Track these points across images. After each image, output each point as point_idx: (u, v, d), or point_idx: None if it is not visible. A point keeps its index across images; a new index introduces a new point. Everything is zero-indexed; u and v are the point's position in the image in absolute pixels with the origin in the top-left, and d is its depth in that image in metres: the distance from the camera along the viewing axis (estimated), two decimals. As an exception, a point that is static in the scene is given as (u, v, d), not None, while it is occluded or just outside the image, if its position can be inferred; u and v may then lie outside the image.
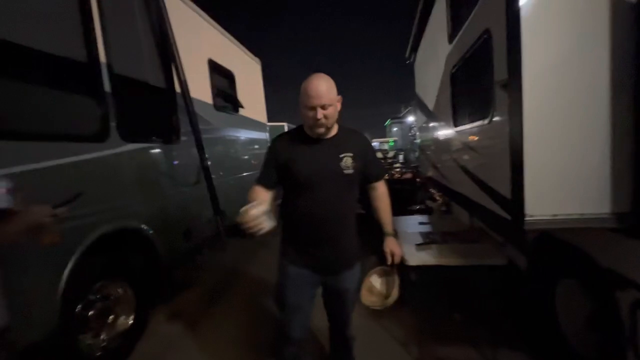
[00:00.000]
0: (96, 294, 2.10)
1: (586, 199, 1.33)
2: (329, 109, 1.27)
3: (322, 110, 1.26)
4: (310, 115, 1.27)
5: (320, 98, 1.24)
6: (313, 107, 1.25)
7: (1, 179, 1.03)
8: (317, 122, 1.28)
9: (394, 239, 1.53)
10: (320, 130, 1.31)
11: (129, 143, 2.28)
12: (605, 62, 1.25)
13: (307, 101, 1.26)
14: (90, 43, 2.03)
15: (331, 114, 1.29)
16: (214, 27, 3.80)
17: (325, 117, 1.27)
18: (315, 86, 1.25)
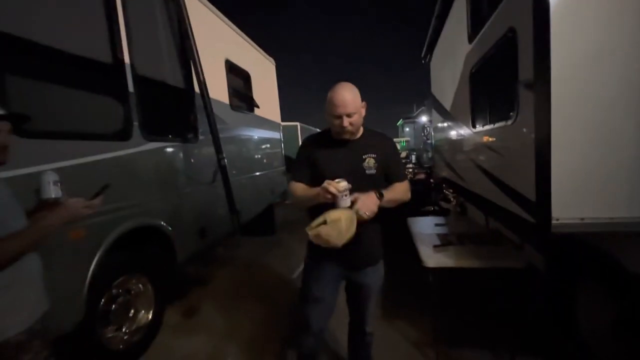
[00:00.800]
0: (118, 288, 2.16)
1: (615, 202, 1.30)
2: (354, 116, 1.35)
3: (348, 118, 1.33)
4: (336, 123, 1.35)
5: (346, 107, 1.32)
6: (339, 115, 1.33)
7: (51, 173, 1.12)
8: (343, 130, 1.36)
9: (374, 195, 1.34)
10: (346, 136, 1.40)
11: (150, 142, 2.33)
12: (636, 62, 1.22)
13: (334, 110, 1.33)
14: (115, 45, 2.09)
15: (356, 121, 1.36)
16: (231, 27, 3.85)
17: (350, 124, 1.35)
18: (341, 96, 1.32)
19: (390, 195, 1.38)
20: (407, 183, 1.52)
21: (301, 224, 4.93)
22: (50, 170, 1.18)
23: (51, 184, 1.13)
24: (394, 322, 2.42)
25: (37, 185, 1.14)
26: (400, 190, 1.45)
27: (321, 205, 1.34)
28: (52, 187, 1.13)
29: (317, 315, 1.56)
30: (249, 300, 3.01)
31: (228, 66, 3.65)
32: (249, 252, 4.42)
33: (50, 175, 1.14)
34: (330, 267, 1.51)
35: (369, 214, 1.28)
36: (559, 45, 1.24)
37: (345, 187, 1.26)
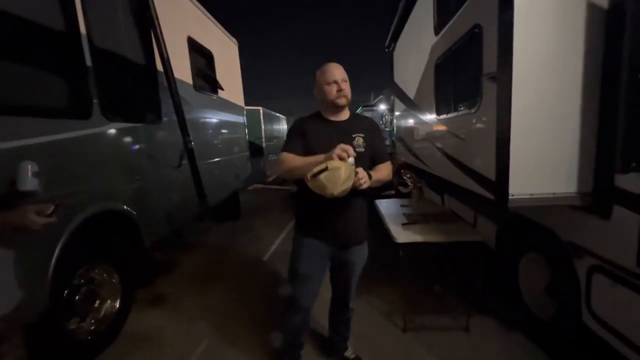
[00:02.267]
0: (82, 278, 2.03)
1: (557, 180, 1.53)
2: (346, 84, 1.49)
3: (344, 82, 1.48)
4: (333, 89, 1.47)
5: (340, 74, 1.48)
6: (335, 81, 1.47)
7: (28, 163, 1.00)
8: (339, 94, 1.47)
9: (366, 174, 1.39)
10: (343, 101, 1.49)
11: (112, 122, 2.17)
12: (581, 60, 1.44)
13: (328, 77, 1.48)
14: (69, 11, 1.88)
15: (348, 89, 1.50)
16: (193, 3, 3.62)
17: (345, 90, 1.48)
18: (333, 66, 1.50)
19: (377, 175, 1.48)
20: (389, 164, 1.62)
21: (265, 209, 5.03)
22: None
23: (29, 175, 1.02)
24: (365, 296, 2.60)
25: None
26: (384, 171, 1.55)
27: None
28: (29, 179, 1.01)
29: (306, 293, 1.62)
30: (220, 284, 2.99)
31: (191, 44, 3.44)
32: (217, 237, 4.35)
33: (30, 165, 1.03)
34: (320, 244, 1.56)
35: (364, 180, 1.35)
36: (521, 44, 1.41)
37: (352, 162, 1.33)
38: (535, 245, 2.14)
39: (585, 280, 1.65)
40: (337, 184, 1.24)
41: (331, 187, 1.24)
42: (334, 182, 1.23)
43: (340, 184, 1.24)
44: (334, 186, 1.24)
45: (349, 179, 1.27)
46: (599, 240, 1.55)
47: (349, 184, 1.27)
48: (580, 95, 1.46)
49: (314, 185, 1.27)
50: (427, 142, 3.03)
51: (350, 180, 1.28)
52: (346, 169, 1.26)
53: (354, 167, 1.33)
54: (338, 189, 1.25)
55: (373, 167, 1.56)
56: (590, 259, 1.60)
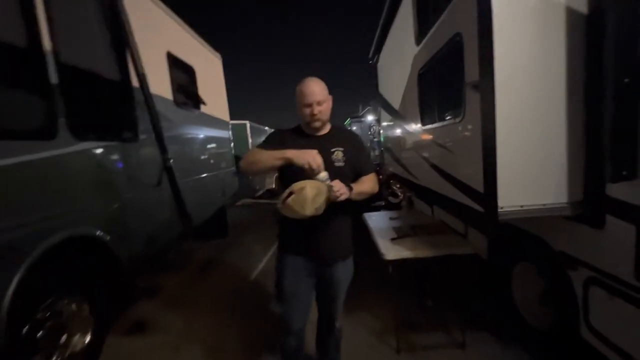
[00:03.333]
0: (46, 311, 1.86)
1: (547, 190, 1.48)
2: (323, 105, 1.42)
3: (318, 106, 1.41)
4: (307, 112, 1.42)
5: (315, 95, 1.40)
6: (310, 103, 1.40)
7: None
8: (314, 117, 1.42)
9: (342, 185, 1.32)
10: (318, 124, 1.45)
11: (81, 141, 2.04)
12: (562, 67, 1.40)
13: (304, 99, 1.41)
14: (32, 28, 1.78)
15: (325, 110, 1.44)
16: (173, 19, 3.56)
17: (320, 112, 1.42)
18: (310, 86, 1.41)
19: (359, 188, 1.43)
20: (374, 176, 1.57)
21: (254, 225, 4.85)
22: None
23: None
24: (357, 315, 2.47)
25: None
26: (367, 183, 1.50)
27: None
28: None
29: (294, 313, 1.56)
30: (205, 306, 2.84)
31: (171, 59, 3.36)
32: (203, 256, 4.18)
33: None
34: (303, 261, 1.51)
35: (341, 192, 1.29)
36: (501, 51, 1.37)
37: (326, 177, 1.29)
38: (527, 255, 2.08)
39: (582, 292, 1.58)
40: (306, 203, 1.21)
41: (300, 209, 1.22)
42: (301, 203, 1.21)
43: (309, 203, 1.21)
44: (302, 207, 1.22)
45: (319, 195, 1.24)
46: (594, 252, 1.49)
47: (320, 200, 1.24)
48: (565, 102, 1.42)
49: (286, 211, 1.25)
50: (414, 153, 2.98)
51: (321, 197, 1.24)
52: (312, 186, 1.23)
53: (328, 181, 1.28)
54: (308, 208, 1.22)
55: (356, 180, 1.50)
56: (586, 270, 1.53)
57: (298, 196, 1.22)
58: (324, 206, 1.26)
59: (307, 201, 1.21)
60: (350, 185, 1.39)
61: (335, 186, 1.29)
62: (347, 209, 1.53)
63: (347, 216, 1.56)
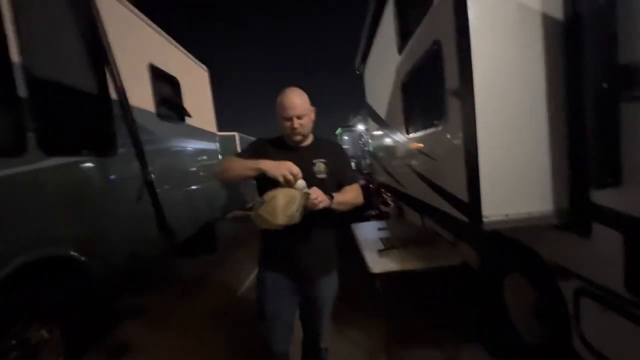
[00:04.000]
0: (11, 339, 1.74)
1: (532, 199, 1.44)
2: (304, 118, 1.39)
3: (298, 120, 1.37)
4: (287, 125, 1.38)
5: (295, 109, 1.36)
6: (289, 117, 1.36)
7: None
8: (294, 131, 1.38)
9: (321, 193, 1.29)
10: (298, 137, 1.42)
11: (52, 157, 1.96)
12: (541, 72, 1.38)
13: (284, 112, 1.37)
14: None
15: (306, 123, 1.41)
16: (155, 31, 3.52)
17: (301, 126, 1.38)
18: (291, 98, 1.37)
19: (341, 198, 1.38)
20: (357, 186, 1.53)
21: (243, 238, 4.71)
22: None
23: None
24: (346, 332, 2.38)
25: None
26: (350, 193, 1.46)
27: None
28: None
29: (277, 335, 1.48)
30: (192, 326, 2.70)
31: (153, 71, 3.31)
32: (189, 274, 4.04)
33: None
34: (284, 279, 1.46)
35: (319, 199, 1.25)
36: (479, 56, 1.34)
37: (303, 185, 1.27)
38: (518, 266, 2.03)
39: (573, 304, 1.52)
40: (276, 212, 1.16)
41: (271, 218, 1.16)
42: (272, 212, 1.16)
43: (280, 212, 1.16)
44: (273, 216, 1.16)
45: (291, 202, 1.18)
46: (582, 261, 1.44)
47: (293, 208, 1.18)
48: (546, 109, 1.40)
49: (259, 222, 1.21)
50: (400, 162, 2.95)
51: (293, 204, 1.19)
52: (284, 194, 1.19)
53: (305, 189, 1.25)
54: (280, 216, 1.16)
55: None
56: (576, 281, 1.48)
57: (268, 205, 1.18)
58: (298, 214, 1.20)
59: (278, 209, 1.16)
60: (331, 194, 1.34)
61: (313, 194, 1.24)
62: (330, 221, 1.48)
63: (330, 228, 1.51)
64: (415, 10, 2.16)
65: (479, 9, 1.35)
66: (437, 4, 1.77)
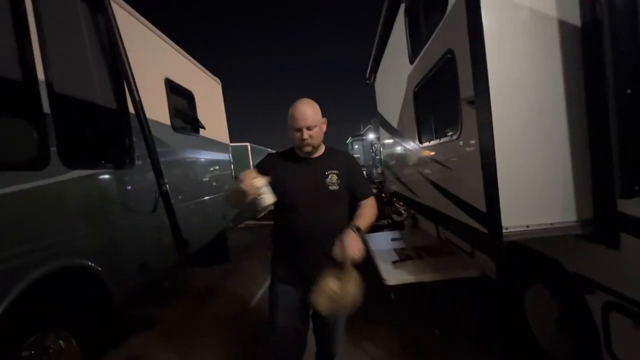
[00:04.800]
0: (31, 349, 1.76)
1: (554, 208, 1.39)
2: (314, 129, 1.38)
3: (308, 131, 1.37)
4: (297, 136, 1.39)
5: (306, 120, 1.36)
6: (299, 128, 1.37)
7: None
8: (303, 142, 1.38)
9: (353, 234, 1.33)
10: (308, 148, 1.41)
11: (73, 169, 2.01)
12: (560, 79, 1.35)
13: (294, 123, 1.37)
14: (25, 58, 1.80)
15: (317, 134, 1.40)
16: (171, 46, 3.64)
17: (310, 137, 1.38)
18: (302, 109, 1.38)
19: (364, 223, 1.40)
20: (373, 200, 1.52)
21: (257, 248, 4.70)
22: None
23: None
24: (359, 342, 2.32)
25: None
26: (369, 213, 1.46)
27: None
28: None
29: (290, 347, 1.46)
30: (202, 339, 2.69)
31: (168, 85, 3.40)
32: (201, 284, 4.04)
33: None
34: (296, 292, 1.45)
35: (359, 253, 1.29)
36: (495, 64, 1.33)
37: (262, 184, 1.24)
38: (540, 277, 1.95)
39: (601, 318, 1.45)
40: (340, 297, 1.27)
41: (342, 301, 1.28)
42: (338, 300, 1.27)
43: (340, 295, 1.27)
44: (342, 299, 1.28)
45: (348, 281, 1.28)
46: (611, 274, 1.37)
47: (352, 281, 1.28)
48: (567, 116, 1.36)
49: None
50: (414, 171, 2.91)
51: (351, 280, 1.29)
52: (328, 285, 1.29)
53: (264, 188, 1.25)
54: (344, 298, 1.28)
55: (353, 203, 1.48)
56: (604, 294, 1.41)
57: (328, 296, 1.28)
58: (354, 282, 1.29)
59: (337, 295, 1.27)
60: (356, 226, 1.36)
61: (352, 253, 1.27)
62: (341, 230, 1.43)
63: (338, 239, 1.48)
64: (427, 19, 2.17)
65: (493, 16, 1.34)
66: (450, 12, 1.77)
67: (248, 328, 2.82)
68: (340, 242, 1.30)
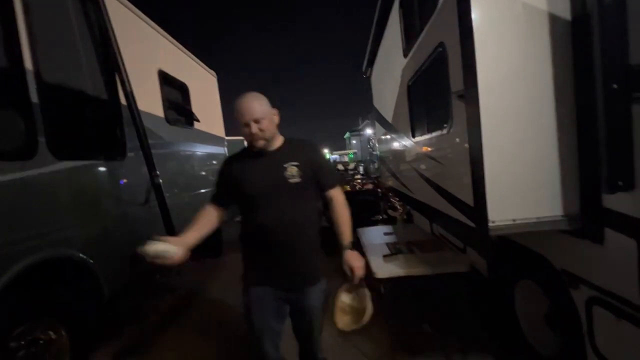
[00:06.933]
0: (19, 339, 1.76)
1: (540, 203, 1.39)
2: (263, 122, 1.32)
3: (256, 124, 1.31)
4: (247, 131, 1.33)
5: (252, 113, 1.31)
6: (247, 123, 1.31)
7: None
8: (254, 136, 1.33)
9: (352, 252, 1.42)
10: (260, 143, 1.35)
11: (62, 160, 2.00)
12: (549, 74, 1.35)
13: (241, 118, 1.32)
14: (12, 47, 1.77)
15: (266, 127, 1.34)
16: (164, 37, 3.60)
17: (261, 130, 1.32)
18: (246, 103, 1.32)
19: (348, 230, 1.46)
20: (341, 194, 1.49)
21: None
22: None
23: None
24: (349, 338, 2.34)
25: None
26: (345, 214, 1.46)
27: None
28: None
29: (268, 346, 1.45)
30: (194, 334, 2.70)
31: (162, 77, 3.37)
32: (193, 278, 4.04)
33: None
34: (271, 291, 1.42)
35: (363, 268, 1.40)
36: (484, 58, 1.32)
37: (162, 250, 1.32)
38: (528, 272, 1.96)
39: (585, 313, 1.46)
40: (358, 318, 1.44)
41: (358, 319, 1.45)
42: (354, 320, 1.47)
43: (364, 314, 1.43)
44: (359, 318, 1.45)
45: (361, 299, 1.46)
46: (594, 268, 1.38)
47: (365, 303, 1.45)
48: (555, 110, 1.36)
49: None
50: (407, 166, 2.91)
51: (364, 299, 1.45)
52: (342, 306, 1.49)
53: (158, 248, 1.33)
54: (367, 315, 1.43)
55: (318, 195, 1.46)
56: (587, 289, 1.42)
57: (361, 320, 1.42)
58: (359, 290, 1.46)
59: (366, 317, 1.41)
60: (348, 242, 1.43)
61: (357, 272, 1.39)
62: (309, 228, 1.43)
63: (310, 236, 1.45)
64: (420, 12, 2.15)
65: (483, 9, 1.32)
66: (441, 5, 1.76)
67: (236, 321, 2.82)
68: (345, 261, 1.41)
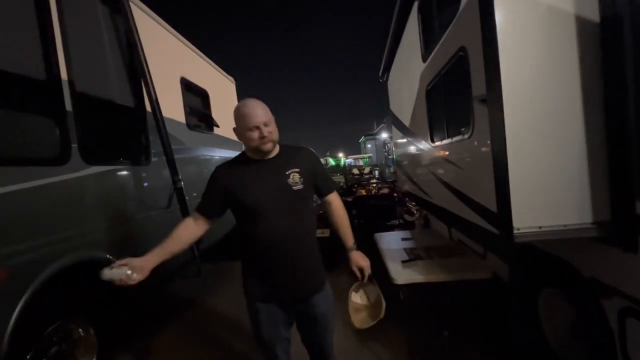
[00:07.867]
0: (52, 336, 1.85)
1: (568, 210, 1.35)
2: (271, 125, 1.31)
3: (266, 127, 1.29)
4: (255, 135, 1.28)
5: (261, 116, 1.28)
6: (256, 126, 1.27)
7: None
8: (264, 139, 1.29)
9: (358, 252, 1.50)
10: (269, 146, 1.32)
11: (92, 165, 2.10)
12: (576, 76, 1.31)
13: (249, 122, 1.28)
14: (49, 59, 1.88)
15: (274, 130, 1.32)
16: (186, 45, 3.72)
17: (270, 133, 1.30)
18: (254, 107, 1.30)
19: (350, 231, 1.49)
20: (338, 198, 1.53)
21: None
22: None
23: None
24: (365, 342, 2.32)
25: None
26: (345, 217, 1.50)
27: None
28: None
29: (280, 352, 1.44)
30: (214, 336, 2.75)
31: (184, 84, 3.49)
32: (212, 282, 4.11)
33: None
34: (277, 304, 1.39)
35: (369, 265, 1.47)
36: (507, 62, 1.30)
37: (118, 275, 1.32)
38: (553, 280, 1.89)
39: (617, 325, 1.40)
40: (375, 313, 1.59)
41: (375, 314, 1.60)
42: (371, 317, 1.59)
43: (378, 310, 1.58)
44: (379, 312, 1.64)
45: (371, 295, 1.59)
46: (628, 278, 1.33)
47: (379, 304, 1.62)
48: (583, 114, 1.32)
49: None
50: (425, 170, 2.88)
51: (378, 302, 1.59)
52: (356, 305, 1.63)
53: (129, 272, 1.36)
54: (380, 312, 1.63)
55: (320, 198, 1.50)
56: (620, 299, 1.36)
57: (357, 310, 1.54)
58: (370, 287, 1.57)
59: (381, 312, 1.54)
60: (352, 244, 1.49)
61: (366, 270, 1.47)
62: (311, 235, 1.42)
63: (312, 243, 1.43)
64: (440, 17, 2.14)
65: (507, 12, 1.31)
66: (463, 9, 1.74)
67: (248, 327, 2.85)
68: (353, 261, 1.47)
